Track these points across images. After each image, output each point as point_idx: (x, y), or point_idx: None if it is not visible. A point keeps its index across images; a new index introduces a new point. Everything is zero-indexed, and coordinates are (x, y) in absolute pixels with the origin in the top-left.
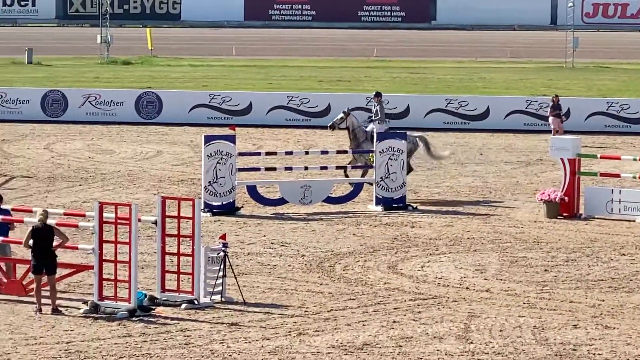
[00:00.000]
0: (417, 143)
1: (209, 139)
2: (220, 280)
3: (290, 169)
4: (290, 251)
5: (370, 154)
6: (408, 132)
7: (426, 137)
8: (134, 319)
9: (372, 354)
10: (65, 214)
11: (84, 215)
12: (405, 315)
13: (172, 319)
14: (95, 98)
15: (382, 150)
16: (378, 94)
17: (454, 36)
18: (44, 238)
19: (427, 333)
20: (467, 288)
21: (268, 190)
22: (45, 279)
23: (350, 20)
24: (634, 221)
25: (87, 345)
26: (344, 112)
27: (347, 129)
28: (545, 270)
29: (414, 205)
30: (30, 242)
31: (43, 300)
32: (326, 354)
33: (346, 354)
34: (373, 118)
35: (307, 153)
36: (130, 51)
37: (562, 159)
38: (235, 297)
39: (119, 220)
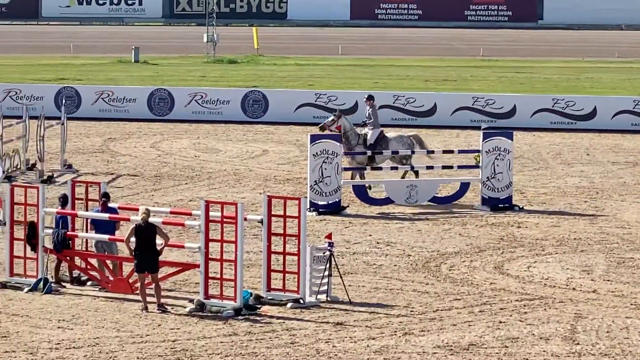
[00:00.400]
0: (412, 144)
1: (315, 138)
2: (325, 280)
3: (395, 168)
4: (396, 251)
5: (476, 154)
6: (400, 133)
7: (419, 136)
8: (239, 317)
9: (478, 354)
10: (171, 213)
11: (190, 214)
12: (511, 315)
13: (278, 318)
14: (202, 97)
15: (489, 150)
16: (370, 97)
17: (561, 36)
18: (145, 236)
19: (534, 334)
20: (573, 289)
21: (374, 190)
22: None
23: (456, 19)
24: None
25: (193, 344)
26: (334, 114)
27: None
28: None
29: (520, 205)
30: (133, 239)
31: (149, 299)
32: (432, 354)
33: (452, 354)
34: (367, 122)
35: (413, 153)
36: (237, 50)
37: None
38: (340, 296)
39: (225, 219)
